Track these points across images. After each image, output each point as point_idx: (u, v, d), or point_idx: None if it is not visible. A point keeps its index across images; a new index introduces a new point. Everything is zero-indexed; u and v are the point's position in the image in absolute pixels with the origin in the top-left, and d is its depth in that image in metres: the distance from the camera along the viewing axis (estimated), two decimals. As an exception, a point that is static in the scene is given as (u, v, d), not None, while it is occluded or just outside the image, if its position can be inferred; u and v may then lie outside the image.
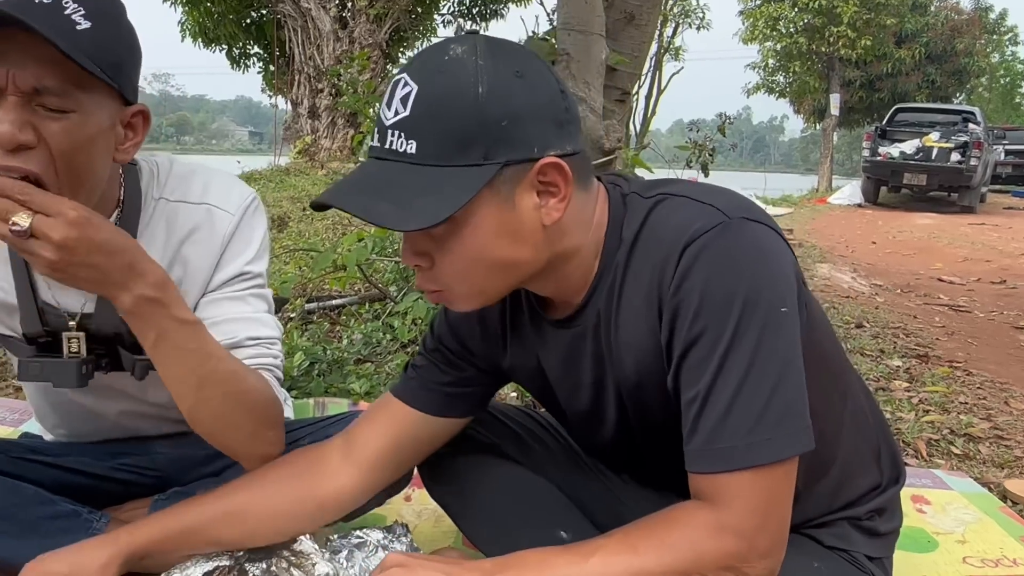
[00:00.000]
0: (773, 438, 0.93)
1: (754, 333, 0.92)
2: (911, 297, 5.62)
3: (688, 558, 0.94)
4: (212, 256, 1.32)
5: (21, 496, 1.35)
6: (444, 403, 1.26)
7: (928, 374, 3.30)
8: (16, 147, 1.04)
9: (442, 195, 0.91)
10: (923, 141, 13.83)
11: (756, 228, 0.96)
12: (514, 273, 1.01)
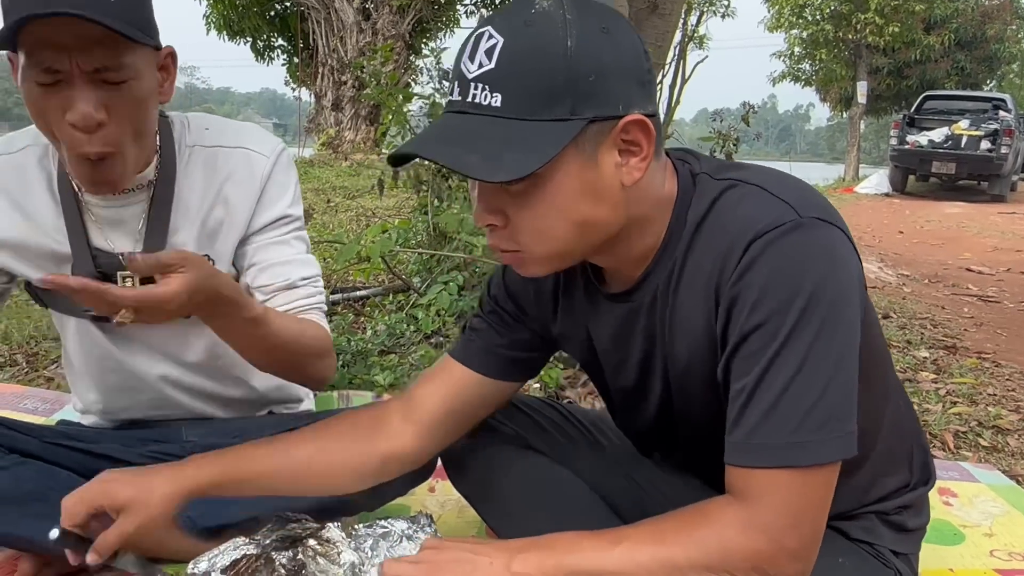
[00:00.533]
0: (816, 440, 0.91)
1: (811, 332, 0.90)
2: (939, 287, 5.56)
3: (715, 554, 0.93)
4: (252, 196, 1.41)
5: (55, 479, 1.38)
6: (501, 366, 1.26)
7: (956, 365, 3.26)
8: (96, 127, 1.17)
9: (529, 148, 0.89)
10: (952, 129, 13.64)
11: (828, 230, 0.94)
12: (590, 236, 0.99)
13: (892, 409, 1.15)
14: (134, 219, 1.39)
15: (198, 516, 1.50)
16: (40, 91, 1.17)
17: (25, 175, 1.39)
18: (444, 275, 3.00)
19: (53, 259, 1.39)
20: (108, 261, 1.37)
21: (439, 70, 3.26)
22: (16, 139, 1.42)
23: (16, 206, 1.38)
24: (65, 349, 1.58)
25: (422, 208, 3.44)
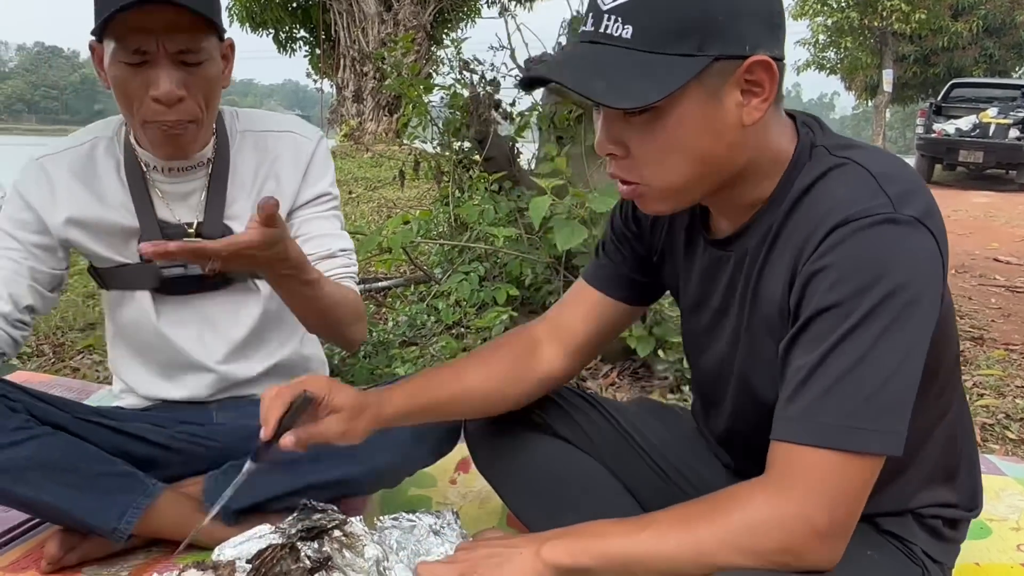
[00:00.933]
0: (870, 429, 0.91)
1: (882, 323, 0.90)
2: (966, 278, 5.48)
3: (745, 536, 0.93)
4: (298, 173, 1.59)
5: (84, 453, 1.43)
6: (627, 290, 1.33)
7: (983, 357, 3.22)
8: (176, 102, 1.37)
9: (655, 79, 0.92)
10: (980, 117, 13.43)
11: (919, 233, 0.92)
12: (707, 174, 1.01)
13: (945, 429, 1.14)
14: (195, 193, 1.56)
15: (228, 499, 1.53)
16: (128, 71, 1.35)
17: (94, 163, 1.54)
18: (465, 266, 3.01)
19: (121, 234, 1.55)
20: (173, 231, 1.54)
21: (460, 60, 3.26)
22: (79, 135, 1.59)
23: (88, 189, 1.53)
24: (114, 330, 1.67)
25: (443, 199, 3.44)
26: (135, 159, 1.54)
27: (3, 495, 1.39)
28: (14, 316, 1.48)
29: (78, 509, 1.42)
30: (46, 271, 1.52)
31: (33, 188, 1.52)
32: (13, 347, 1.51)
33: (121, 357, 1.69)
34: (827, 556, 0.94)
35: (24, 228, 1.51)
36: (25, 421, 1.39)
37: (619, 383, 2.63)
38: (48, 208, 1.51)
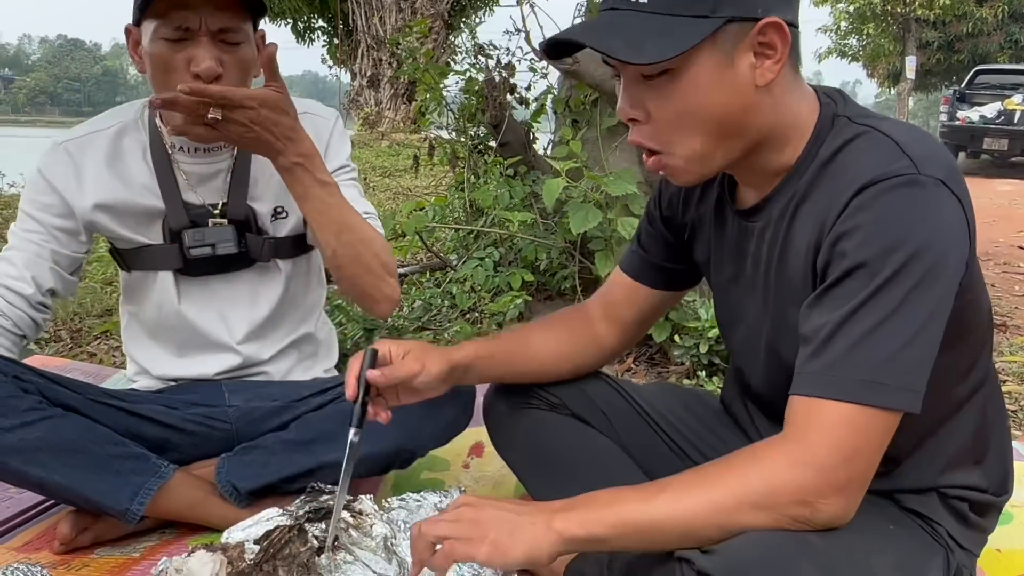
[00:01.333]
0: (892, 385, 0.92)
1: (909, 283, 0.91)
2: (989, 265, 5.43)
3: (762, 490, 0.93)
4: (322, 146, 1.57)
5: (95, 434, 1.45)
6: (662, 278, 1.38)
7: (1006, 344, 3.19)
8: (215, 78, 1.39)
9: (670, 38, 0.95)
10: (1005, 104, 13.27)
11: (942, 193, 0.93)
12: (727, 136, 1.03)
13: (977, 402, 1.11)
14: (220, 174, 1.59)
15: (239, 481, 1.54)
16: (169, 48, 1.39)
17: (120, 146, 1.57)
18: (480, 251, 3.00)
19: (146, 216, 1.57)
20: (198, 212, 1.57)
21: (475, 44, 3.24)
22: (104, 119, 1.61)
23: (113, 172, 1.55)
24: (131, 312, 1.69)
25: (458, 185, 3.43)
26: (160, 141, 1.56)
27: (16, 475, 1.40)
28: (36, 299, 1.50)
29: (90, 490, 1.43)
30: (68, 254, 1.54)
31: (58, 172, 1.53)
32: (34, 329, 1.53)
33: (136, 339, 1.71)
34: (842, 510, 0.94)
35: (47, 211, 1.52)
36: (37, 402, 1.40)
37: (635, 368, 2.62)
38: (73, 192, 1.52)
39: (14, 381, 1.39)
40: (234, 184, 1.59)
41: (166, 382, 1.69)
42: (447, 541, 0.97)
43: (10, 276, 1.49)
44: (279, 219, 1.63)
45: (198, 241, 1.56)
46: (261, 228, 1.61)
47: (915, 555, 1.04)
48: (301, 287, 1.72)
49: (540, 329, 1.46)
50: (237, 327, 1.65)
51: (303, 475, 1.51)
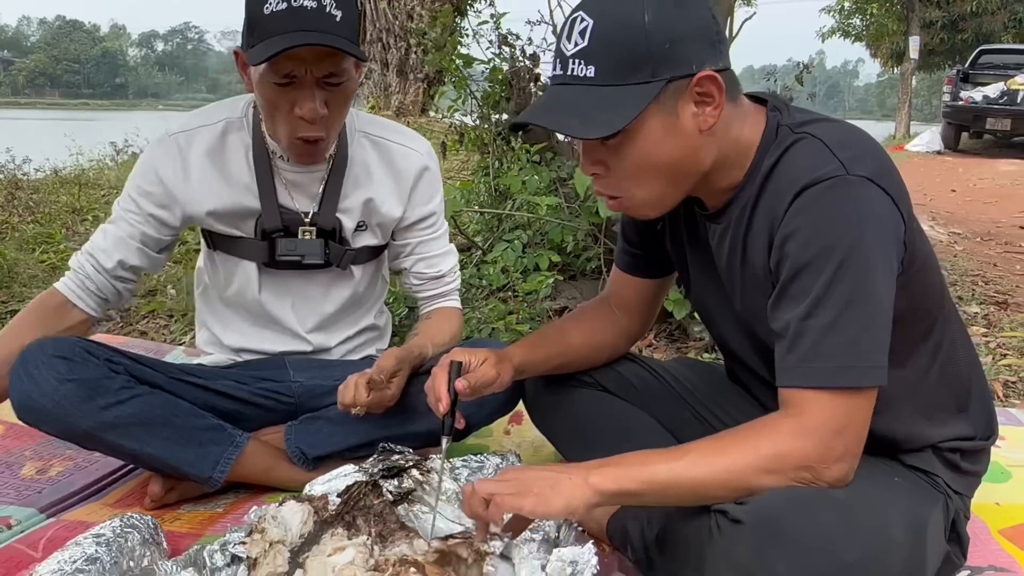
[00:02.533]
0: (859, 367, 1.07)
1: (854, 273, 1.05)
2: (991, 245, 5.54)
3: (772, 458, 1.07)
4: (408, 182, 1.76)
5: (179, 409, 1.60)
6: (648, 268, 1.52)
7: (1007, 320, 3.31)
8: (318, 119, 1.50)
9: (619, 109, 1.08)
10: (1008, 84, 13.28)
11: (869, 189, 1.07)
12: (681, 177, 1.18)
13: (941, 366, 1.26)
14: (314, 183, 1.71)
15: (307, 447, 1.69)
16: (276, 90, 1.49)
17: (224, 144, 1.68)
18: (508, 234, 3.14)
19: (243, 213, 1.69)
20: (291, 218, 1.70)
21: (499, 34, 3.36)
22: (212, 113, 1.71)
23: (217, 170, 1.67)
24: (208, 285, 1.83)
25: (483, 170, 3.56)
26: (264, 145, 1.67)
27: (112, 448, 1.55)
28: (117, 272, 1.64)
29: (177, 460, 1.58)
30: (157, 237, 1.68)
31: (168, 165, 1.65)
32: (117, 297, 1.68)
33: (212, 308, 1.85)
34: (843, 473, 1.09)
35: (148, 199, 1.65)
36: (127, 382, 1.55)
37: (656, 344, 2.77)
38: (179, 186, 1.65)
39: (106, 363, 1.53)
40: (327, 196, 1.71)
41: (235, 354, 1.84)
42: (496, 496, 1.10)
43: (100, 248, 1.64)
44: (360, 231, 1.77)
45: (290, 251, 1.69)
46: (343, 239, 1.75)
47: (919, 502, 1.20)
48: (368, 287, 1.87)
49: (574, 325, 1.60)
50: (308, 319, 1.81)
51: (364, 445, 1.66)
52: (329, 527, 1.40)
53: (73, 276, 1.64)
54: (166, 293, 3.25)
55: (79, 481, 1.72)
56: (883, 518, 1.09)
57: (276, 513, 1.35)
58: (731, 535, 1.07)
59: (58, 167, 6.64)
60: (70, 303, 1.62)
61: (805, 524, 1.04)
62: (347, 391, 1.55)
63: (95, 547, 1.25)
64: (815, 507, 1.06)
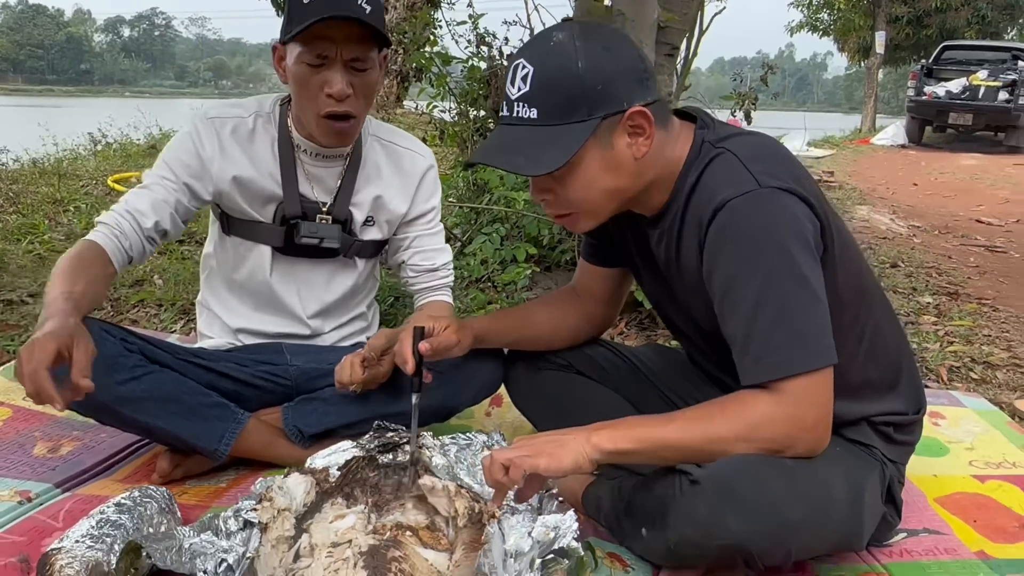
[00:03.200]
0: (809, 352, 1.22)
1: (781, 276, 1.22)
2: (948, 238, 5.75)
3: (750, 428, 1.23)
4: (413, 182, 1.93)
5: (186, 387, 1.72)
6: (608, 257, 1.65)
7: (956, 310, 3.51)
8: (345, 98, 1.67)
9: (560, 146, 1.24)
10: (970, 80, 13.61)
11: (782, 197, 1.23)
12: (618, 198, 1.34)
13: (866, 348, 1.43)
14: (332, 177, 1.87)
15: (304, 426, 1.82)
16: (308, 71, 1.66)
17: (254, 134, 1.84)
18: (487, 227, 3.27)
19: (264, 197, 1.84)
20: (310, 207, 1.86)
21: (476, 35, 3.48)
22: (246, 105, 1.88)
23: (246, 153, 1.82)
24: (220, 268, 1.96)
25: (462, 165, 3.69)
26: (289, 138, 1.83)
27: (126, 421, 1.67)
28: (150, 233, 1.75)
29: (186, 433, 1.71)
30: (187, 206, 1.80)
31: (207, 141, 1.79)
32: (141, 256, 1.77)
33: (216, 291, 1.98)
34: (815, 443, 1.26)
35: (185, 169, 1.78)
36: (140, 360, 1.67)
37: (627, 332, 2.92)
38: (215, 160, 1.79)
39: (121, 343, 1.65)
40: (342, 189, 1.87)
41: (235, 336, 1.96)
42: (514, 459, 1.25)
43: (138, 209, 1.73)
44: (368, 226, 1.91)
45: (312, 233, 1.84)
46: (353, 231, 1.90)
47: (857, 469, 1.37)
48: (365, 280, 2.02)
49: (540, 306, 1.78)
50: (310, 304, 1.94)
51: (358, 423, 1.77)
52: (329, 497, 1.52)
53: (109, 231, 1.70)
54: (153, 283, 3.34)
55: (88, 460, 1.83)
56: (824, 483, 1.25)
57: (282, 484, 1.48)
58: (691, 495, 1.23)
59: (34, 157, 6.64)
60: (107, 256, 1.68)
61: (755, 486, 1.20)
62: (343, 370, 1.69)
63: (118, 515, 1.38)
64: (765, 472, 1.22)
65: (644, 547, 1.42)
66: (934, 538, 1.60)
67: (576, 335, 1.75)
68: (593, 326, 1.76)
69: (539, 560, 1.20)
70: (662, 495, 1.31)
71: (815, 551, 1.34)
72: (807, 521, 1.22)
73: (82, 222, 4.25)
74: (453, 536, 1.44)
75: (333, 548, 1.37)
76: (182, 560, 1.28)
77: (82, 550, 1.29)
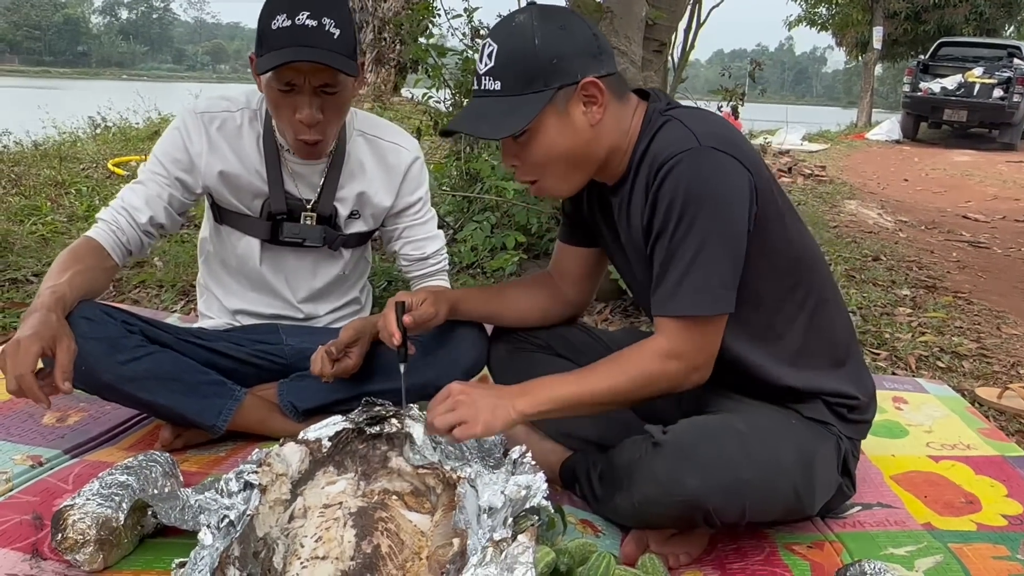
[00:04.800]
0: (711, 299, 1.38)
1: (704, 227, 1.36)
2: (934, 233, 5.85)
3: (644, 375, 1.43)
4: (397, 179, 2.00)
5: (186, 365, 1.82)
6: (582, 236, 1.76)
7: (932, 302, 3.62)
8: (315, 123, 1.71)
9: (519, 114, 1.38)
10: (965, 76, 13.70)
11: (718, 156, 1.37)
12: (581, 162, 1.47)
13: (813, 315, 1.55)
14: (316, 175, 1.94)
15: (298, 401, 1.93)
16: (279, 95, 1.71)
17: (241, 130, 1.90)
18: (477, 215, 3.37)
19: (250, 193, 1.91)
20: (295, 203, 1.93)
21: (471, 28, 3.57)
22: (236, 99, 1.93)
23: (233, 149, 1.89)
24: (215, 253, 2.05)
25: (455, 154, 3.79)
26: (273, 137, 1.90)
27: (129, 398, 1.78)
28: (147, 228, 1.84)
29: (185, 409, 1.81)
30: (180, 200, 1.89)
31: (195, 136, 1.87)
32: (140, 250, 1.87)
33: (214, 273, 2.08)
34: (700, 377, 1.45)
35: (175, 164, 1.86)
36: (141, 341, 1.77)
37: (611, 319, 3.03)
38: (203, 154, 1.87)
39: (122, 324, 1.75)
40: (326, 186, 1.94)
41: (233, 317, 2.06)
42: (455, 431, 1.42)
43: (132, 205, 1.83)
44: (352, 219, 2.01)
45: (294, 234, 1.94)
46: (337, 224, 1.98)
47: (809, 439, 1.49)
48: (354, 267, 2.12)
49: (515, 285, 1.91)
50: (299, 291, 2.05)
51: (349, 399, 1.87)
52: (322, 466, 1.63)
53: (106, 227, 1.81)
54: (154, 265, 3.44)
55: (95, 429, 1.94)
56: (775, 448, 1.39)
57: (279, 451, 1.58)
58: (653, 456, 1.38)
59: (35, 139, 6.72)
60: (105, 251, 1.79)
61: (711, 448, 1.35)
62: (315, 363, 1.81)
63: (125, 476, 1.48)
64: (721, 436, 1.37)
65: (614, 510, 1.55)
66: (886, 511, 1.71)
67: (547, 315, 1.85)
68: (566, 306, 1.86)
69: (511, 518, 1.31)
70: (629, 459, 1.44)
71: (768, 512, 1.45)
72: (758, 480, 1.35)
73: (83, 204, 4.35)
74: (436, 501, 1.55)
75: (325, 509, 1.48)
76: (185, 518, 1.40)
77: (93, 507, 1.40)
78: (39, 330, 1.52)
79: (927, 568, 1.50)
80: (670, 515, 1.41)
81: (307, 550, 1.37)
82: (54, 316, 1.56)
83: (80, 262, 1.72)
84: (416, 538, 1.44)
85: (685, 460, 1.34)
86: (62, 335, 1.55)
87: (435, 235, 2.10)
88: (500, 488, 1.42)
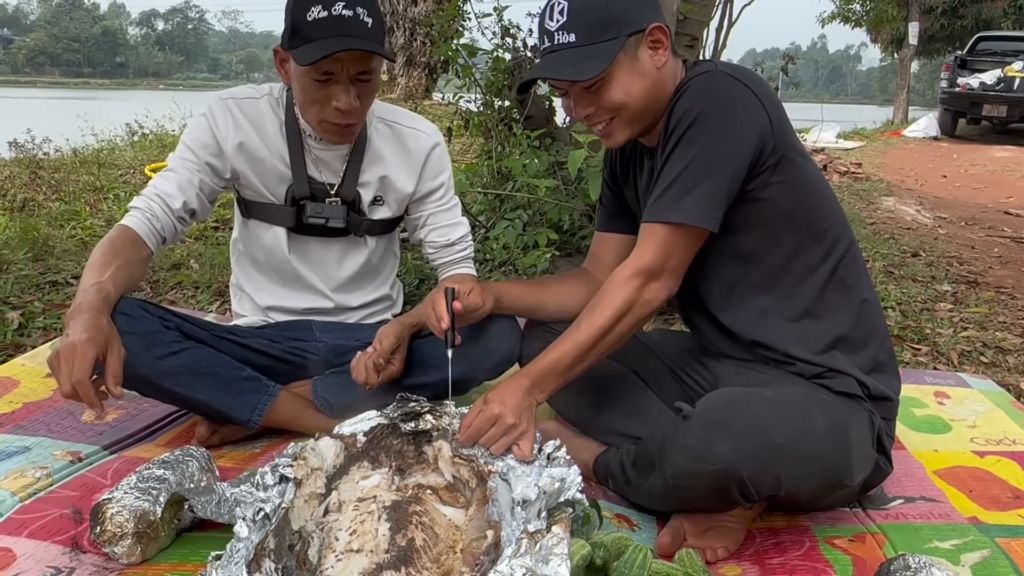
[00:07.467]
0: (690, 209, 1.45)
1: (698, 141, 1.44)
2: (974, 229, 5.74)
3: (618, 307, 1.49)
4: (419, 161, 2.01)
5: (221, 361, 1.84)
6: (621, 224, 1.83)
7: (973, 298, 3.55)
8: (353, 111, 1.76)
9: (598, 59, 1.48)
10: (1005, 71, 13.40)
11: (731, 81, 1.46)
12: (649, 103, 1.54)
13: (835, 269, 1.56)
14: (338, 161, 1.96)
15: (332, 397, 1.93)
16: (315, 85, 1.74)
17: (264, 117, 1.93)
18: (509, 213, 3.37)
19: (275, 178, 1.94)
20: (318, 188, 1.96)
21: (501, 26, 3.57)
22: (259, 88, 1.98)
23: (259, 133, 1.92)
24: (243, 250, 2.08)
25: (487, 154, 3.79)
26: (296, 124, 1.92)
27: (165, 393, 1.79)
28: (180, 213, 1.86)
29: (221, 404, 1.82)
30: (210, 185, 1.90)
31: (221, 120, 1.89)
32: (173, 236, 1.88)
33: (245, 271, 2.10)
34: (665, 292, 1.51)
35: (204, 149, 1.88)
36: (177, 336, 1.78)
37: (645, 316, 3.00)
38: (230, 137, 1.89)
39: (159, 320, 1.76)
40: (348, 171, 1.96)
41: (266, 314, 2.08)
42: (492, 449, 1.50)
43: (166, 192, 1.84)
44: (376, 205, 2.01)
45: (317, 213, 1.95)
46: (361, 210, 2.00)
47: (841, 410, 1.47)
48: (380, 257, 2.12)
49: (554, 280, 1.93)
50: (330, 279, 2.06)
51: (383, 395, 1.87)
52: (356, 461, 1.63)
53: (140, 215, 1.81)
54: (190, 267, 3.48)
55: (133, 426, 1.96)
56: (806, 415, 1.38)
57: (314, 446, 1.59)
58: (683, 428, 1.38)
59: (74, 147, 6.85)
60: (141, 239, 1.78)
61: (741, 414, 1.35)
62: (359, 372, 1.82)
63: (162, 470, 1.50)
64: (751, 403, 1.37)
65: (648, 493, 1.54)
66: (929, 505, 1.67)
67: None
68: None
69: (545, 511, 1.30)
70: (660, 439, 1.44)
71: (806, 481, 1.39)
72: (791, 446, 1.33)
73: (121, 209, 4.42)
74: (470, 496, 1.54)
75: (359, 503, 1.48)
76: (221, 512, 1.40)
77: (131, 500, 1.41)
78: (93, 335, 1.51)
79: (974, 563, 1.46)
80: (704, 488, 1.38)
81: (342, 543, 1.37)
82: (104, 320, 1.56)
83: (119, 255, 1.72)
84: (450, 532, 1.44)
85: (716, 427, 1.34)
86: (112, 339, 1.55)
87: (460, 221, 2.10)
88: (534, 481, 1.41)
